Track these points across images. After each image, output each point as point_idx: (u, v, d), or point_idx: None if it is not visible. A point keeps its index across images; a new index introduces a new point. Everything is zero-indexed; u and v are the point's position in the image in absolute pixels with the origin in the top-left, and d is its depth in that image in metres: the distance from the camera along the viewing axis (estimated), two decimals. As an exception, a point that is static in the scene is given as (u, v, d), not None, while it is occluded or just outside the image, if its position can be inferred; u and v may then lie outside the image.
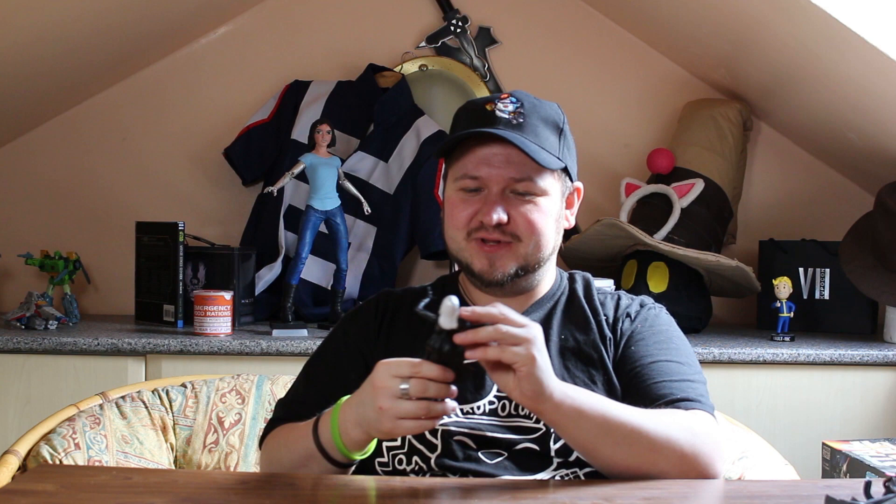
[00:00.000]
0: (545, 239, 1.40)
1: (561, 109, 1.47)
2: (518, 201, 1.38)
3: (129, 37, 2.65)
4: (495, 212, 1.36)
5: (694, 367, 1.40)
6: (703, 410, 1.31)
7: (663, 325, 1.45)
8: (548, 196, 1.39)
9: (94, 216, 2.89)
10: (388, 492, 1.13)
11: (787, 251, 2.68)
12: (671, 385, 1.33)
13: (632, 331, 1.42)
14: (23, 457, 1.53)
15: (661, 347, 1.39)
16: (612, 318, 1.45)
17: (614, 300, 1.48)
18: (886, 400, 2.32)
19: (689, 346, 1.45)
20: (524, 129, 1.39)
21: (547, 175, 1.39)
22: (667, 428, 1.23)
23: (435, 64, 2.89)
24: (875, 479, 1.05)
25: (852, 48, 2.12)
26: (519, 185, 1.38)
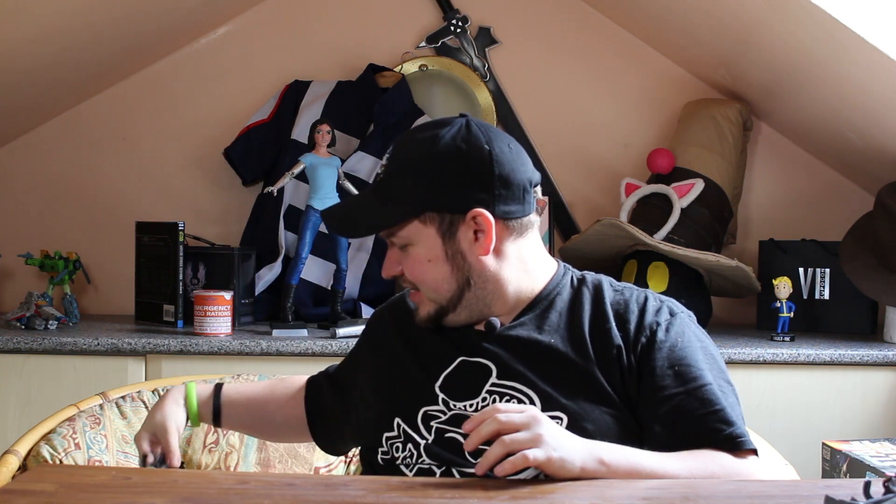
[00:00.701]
0: (433, 283, 1.38)
1: (447, 131, 1.37)
2: (402, 253, 1.40)
3: (129, 37, 2.65)
4: (385, 267, 1.42)
5: (728, 389, 1.34)
6: (744, 449, 1.27)
7: (695, 341, 1.37)
8: (415, 244, 1.37)
9: (94, 216, 2.89)
10: (388, 491, 1.13)
11: (787, 251, 2.68)
12: (708, 421, 1.28)
13: (658, 346, 1.34)
14: (23, 457, 1.53)
15: (694, 374, 1.32)
16: (628, 328, 1.37)
17: (637, 305, 1.40)
18: (886, 400, 2.32)
19: (719, 356, 1.39)
20: (378, 191, 1.39)
21: (400, 227, 1.37)
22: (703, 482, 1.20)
23: (435, 64, 2.89)
24: (875, 479, 1.05)
25: (852, 48, 2.12)
26: (392, 241, 1.40)
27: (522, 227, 1.41)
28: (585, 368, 1.34)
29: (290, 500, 1.09)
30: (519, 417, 1.16)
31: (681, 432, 1.28)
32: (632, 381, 1.33)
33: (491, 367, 1.37)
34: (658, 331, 1.36)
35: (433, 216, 1.36)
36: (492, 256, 1.38)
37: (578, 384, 1.33)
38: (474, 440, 1.16)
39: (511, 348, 1.38)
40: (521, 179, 1.39)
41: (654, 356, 1.33)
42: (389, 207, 1.37)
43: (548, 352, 1.37)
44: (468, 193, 1.35)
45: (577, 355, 1.35)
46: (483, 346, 1.39)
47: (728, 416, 1.29)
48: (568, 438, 1.18)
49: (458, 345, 1.41)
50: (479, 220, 1.35)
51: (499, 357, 1.37)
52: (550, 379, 1.33)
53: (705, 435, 1.27)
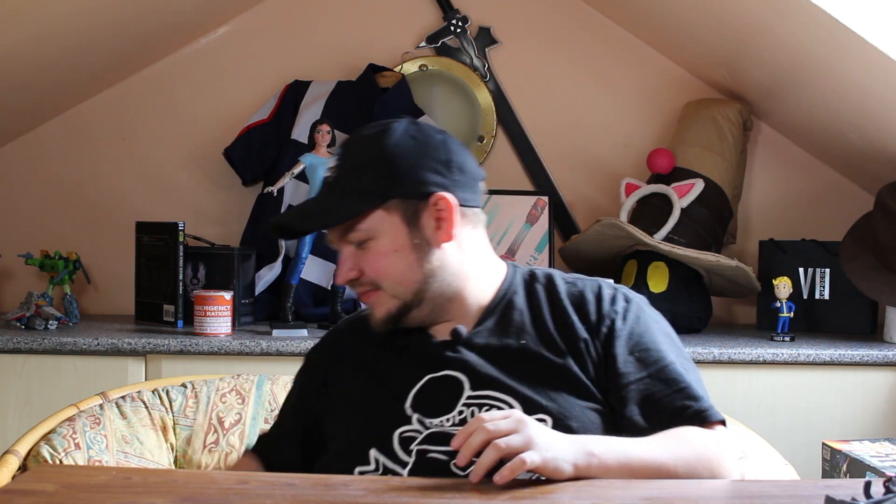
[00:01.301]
0: (399, 275, 1.37)
1: (396, 126, 1.40)
2: (360, 252, 1.38)
3: (129, 37, 2.65)
4: (340, 273, 1.40)
5: (689, 365, 1.37)
6: (712, 421, 1.30)
7: (653, 324, 1.40)
8: (377, 236, 1.36)
9: (94, 216, 2.89)
10: (388, 491, 1.13)
11: (787, 251, 2.68)
12: (675, 399, 1.31)
13: (617, 334, 1.37)
14: (23, 457, 1.53)
15: (655, 357, 1.35)
16: (589, 318, 1.39)
17: (593, 295, 1.41)
18: (886, 400, 2.32)
19: (675, 335, 1.42)
20: (332, 189, 1.39)
21: (362, 219, 1.36)
22: (684, 459, 1.22)
23: (435, 64, 2.89)
24: (875, 479, 1.05)
25: (852, 48, 2.12)
26: (350, 238, 1.37)
27: (477, 218, 1.45)
28: (562, 364, 1.35)
29: (290, 500, 1.09)
30: (506, 423, 1.16)
31: (652, 416, 1.30)
32: (601, 370, 1.35)
33: (462, 380, 1.35)
34: (616, 319, 1.38)
35: (397, 203, 1.36)
36: (454, 244, 1.39)
37: (558, 381, 1.33)
38: (466, 453, 1.15)
39: (481, 356, 1.36)
40: (473, 168, 1.43)
41: (614, 345, 1.36)
42: (350, 200, 1.36)
43: (521, 354, 1.36)
44: (429, 178, 1.37)
45: (550, 352, 1.36)
46: (449, 358, 1.37)
47: (694, 391, 1.32)
48: (556, 437, 1.18)
49: (421, 363, 1.38)
50: (441, 204, 1.36)
51: (469, 367, 1.35)
52: (528, 381, 1.33)
53: (675, 414, 1.30)
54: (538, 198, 2.74)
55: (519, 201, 2.73)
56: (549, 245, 2.70)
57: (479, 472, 1.13)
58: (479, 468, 1.13)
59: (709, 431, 1.29)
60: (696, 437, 1.27)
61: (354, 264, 1.38)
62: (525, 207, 2.72)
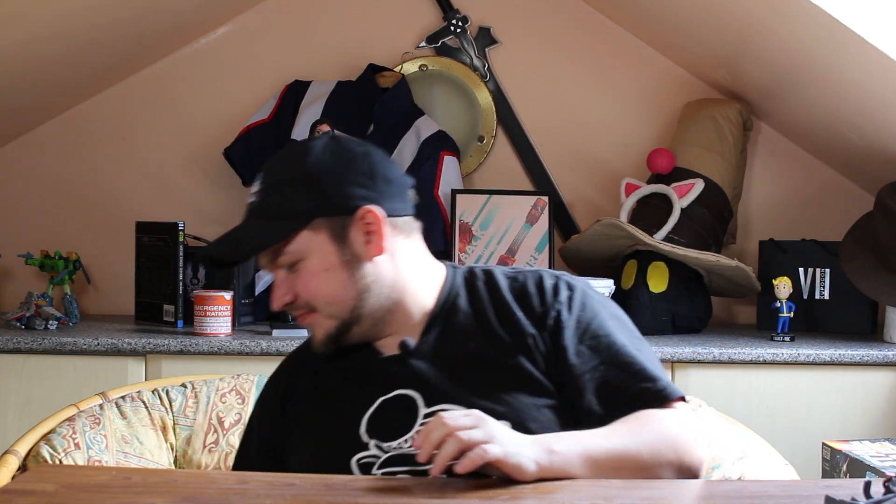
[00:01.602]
0: (332, 294, 1.34)
1: (316, 143, 1.38)
2: (292, 275, 1.35)
3: (129, 37, 2.65)
4: (274, 298, 1.36)
5: (641, 345, 1.36)
6: (672, 400, 1.29)
7: (600, 309, 1.38)
8: (307, 257, 1.34)
9: (94, 216, 2.89)
10: (388, 491, 1.13)
11: (787, 251, 2.68)
12: (631, 383, 1.30)
13: (564, 325, 1.35)
14: (23, 457, 1.53)
15: (606, 342, 1.34)
16: (534, 311, 1.37)
17: (535, 287, 1.39)
18: (886, 400, 2.32)
19: (624, 315, 1.41)
20: (257, 213, 1.36)
21: (290, 241, 1.33)
22: (648, 443, 1.22)
23: (435, 64, 2.89)
24: (875, 479, 1.05)
25: (852, 48, 2.12)
26: (280, 262, 1.34)
27: (409, 227, 1.41)
28: (514, 363, 1.33)
29: (289, 500, 1.09)
30: (467, 419, 1.15)
31: (611, 403, 1.29)
32: (552, 364, 1.33)
33: (415, 397, 1.33)
34: (562, 309, 1.36)
35: (322, 222, 1.33)
36: (387, 257, 1.36)
37: (511, 382, 1.32)
38: (427, 448, 1.13)
39: (432, 366, 1.35)
40: (400, 177, 1.41)
41: (563, 336, 1.34)
42: (275, 224, 1.33)
43: (471, 359, 1.34)
44: (353, 193, 1.35)
45: (500, 353, 1.34)
46: (399, 375, 1.35)
47: (649, 372, 1.31)
48: (517, 435, 1.18)
49: (372, 383, 1.36)
50: (368, 218, 1.34)
51: (421, 382, 1.33)
52: (481, 387, 1.31)
53: (634, 398, 1.29)
54: (538, 198, 2.74)
55: (519, 201, 2.73)
56: (549, 245, 2.70)
57: (440, 464, 1.12)
58: (441, 460, 1.12)
59: (668, 411, 1.28)
60: (656, 418, 1.26)
61: (288, 288, 1.35)
62: (525, 207, 2.72)
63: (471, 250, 2.68)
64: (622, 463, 1.20)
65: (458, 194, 2.70)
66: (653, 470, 1.22)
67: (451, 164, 2.73)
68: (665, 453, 1.22)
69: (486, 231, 2.70)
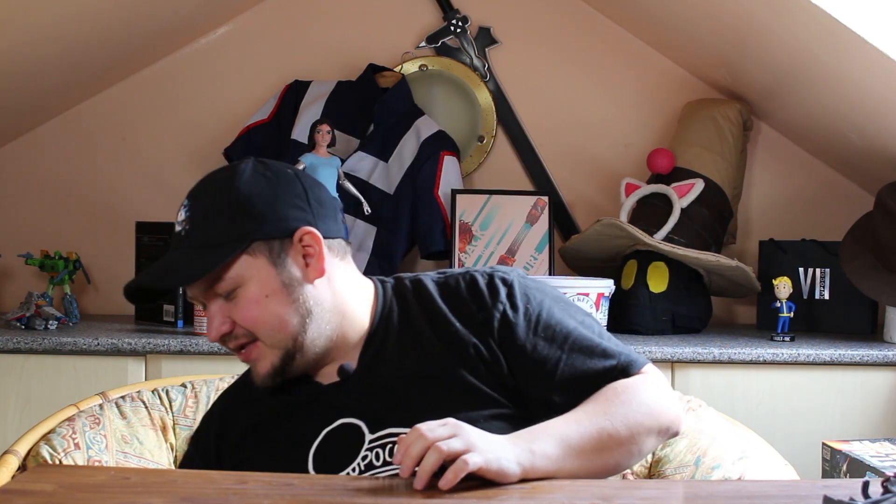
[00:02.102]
0: (275, 321, 1.29)
1: (244, 167, 1.33)
2: (228, 304, 1.30)
3: (129, 37, 2.65)
4: (211, 329, 1.31)
5: (589, 321, 1.34)
6: (634, 368, 1.29)
7: (542, 297, 1.35)
8: (245, 283, 1.29)
9: (94, 216, 2.89)
10: (388, 491, 1.13)
11: (787, 251, 2.68)
12: (596, 364, 1.29)
13: (513, 325, 1.31)
14: (23, 457, 1.53)
15: (559, 330, 1.31)
16: (474, 319, 1.33)
17: (470, 292, 1.35)
18: (886, 400, 2.32)
19: (563, 296, 1.39)
20: (188, 241, 1.30)
21: (227, 268, 1.28)
22: (622, 417, 1.21)
23: (435, 64, 2.89)
24: (874, 479, 1.05)
25: (852, 48, 2.12)
26: (217, 290, 1.29)
27: (342, 249, 1.38)
28: (456, 378, 1.29)
29: (288, 500, 1.09)
30: (444, 429, 1.13)
31: (580, 389, 1.27)
32: (500, 369, 1.30)
33: (359, 425, 1.29)
34: (506, 310, 1.32)
35: (261, 246, 1.29)
36: (325, 280, 1.33)
37: (457, 397, 1.28)
38: (409, 463, 1.11)
39: (373, 390, 1.31)
40: (330, 199, 1.37)
41: (515, 336, 1.31)
42: (211, 250, 1.28)
43: (412, 378, 1.31)
44: (289, 215, 1.31)
45: (441, 368, 1.30)
46: (341, 403, 1.31)
47: (610, 349, 1.31)
48: (495, 439, 1.15)
49: (315, 416, 1.32)
50: (307, 239, 1.31)
51: (363, 408, 1.30)
52: (426, 406, 1.26)
53: (601, 378, 1.28)
54: (538, 198, 2.74)
55: (519, 201, 2.73)
56: (549, 245, 2.70)
57: (423, 477, 1.10)
58: (423, 472, 1.10)
59: (633, 378, 1.28)
60: (623, 388, 1.25)
61: (225, 317, 1.30)
62: (525, 207, 2.72)
63: (471, 250, 2.68)
64: (602, 443, 1.19)
65: (458, 194, 2.70)
66: (634, 441, 1.21)
67: (451, 164, 2.74)
68: (642, 422, 1.22)
69: (486, 231, 2.70)
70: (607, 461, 1.21)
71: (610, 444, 1.20)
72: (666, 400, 1.26)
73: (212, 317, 1.31)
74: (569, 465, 1.17)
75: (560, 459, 1.16)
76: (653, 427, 1.23)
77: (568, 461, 1.17)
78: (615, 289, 2.44)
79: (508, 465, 1.12)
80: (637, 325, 2.51)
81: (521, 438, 1.17)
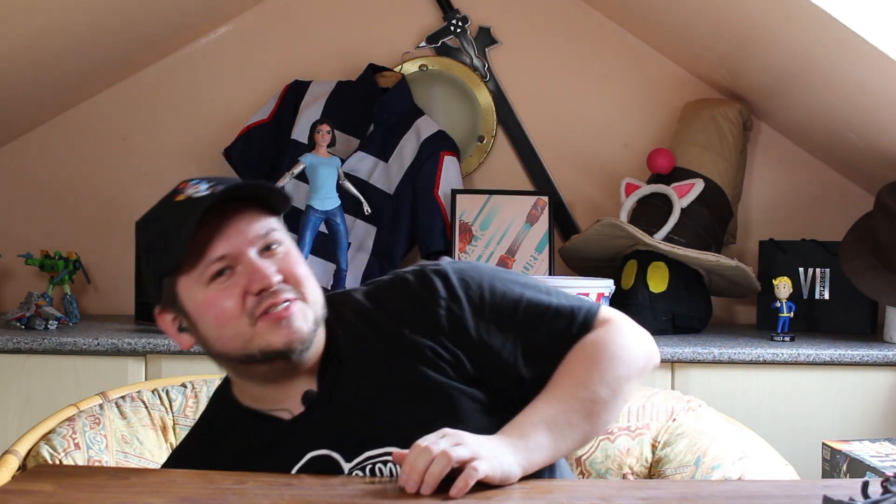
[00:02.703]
0: (315, 283, 1.27)
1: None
2: (276, 258, 1.24)
3: (129, 37, 2.65)
4: (268, 273, 1.21)
5: (532, 282, 1.31)
6: (592, 319, 1.28)
7: (479, 277, 1.31)
8: (287, 242, 1.27)
9: (94, 216, 2.89)
10: (387, 492, 1.13)
11: (787, 251, 2.68)
12: (554, 328, 1.27)
13: (462, 317, 1.28)
14: (23, 457, 1.53)
15: (507, 305, 1.28)
16: (421, 322, 1.28)
17: (406, 295, 1.31)
18: (886, 400, 2.32)
19: (499, 268, 1.35)
20: (232, 186, 1.24)
21: (277, 224, 1.28)
22: (598, 379, 1.21)
23: (435, 64, 2.89)
24: (874, 479, 1.05)
25: (852, 48, 2.12)
26: (268, 239, 1.25)
27: None
28: (423, 381, 1.25)
29: (288, 500, 1.09)
30: (446, 441, 1.12)
31: (545, 358, 1.26)
32: (462, 363, 1.27)
33: (334, 457, 1.24)
34: (450, 305, 1.29)
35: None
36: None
37: (430, 400, 1.24)
38: (415, 478, 1.09)
39: (341, 415, 1.25)
40: None
41: (467, 329, 1.28)
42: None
43: (380, 395, 1.25)
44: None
45: (404, 376, 1.25)
46: (310, 437, 1.25)
47: (560, 307, 1.29)
48: (494, 443, 1.15)
49: (285, 454, 1.25)
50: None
51: (335, 437, 1.24)
52: (403, 419, 1.23)
53: (562, 340, 1.26)
54: (538, 198, 2.74)
55: (519, 201, 2.73)
56: (549, 245, 2.70)
57: (432, 483, 1.09)
58: (431, 479, 1.08)
59: (598, 333, 1.26)
60: (593, 348, 1.25)
61: (273, 269, 1.24)
62: (525, 207, 2.72)
63: (471, 250, 2.68)
64: (588, 411, 1.19)
65: (458, 194, 2.70)
66: (618, 396, 1.21)
67: (451, 164, 2.74)
68: (620, 375, 1.22)
69: (486, 231, 2.70)
70: (596, 424, 1.21)
71: (596, 409, 1.20)
72: (635, 342, 1.26)
73: (260, 266, 1.22)
74: (563, 445, 1.18)
75: (553, 444, 1.17)
76: (632, 374, 1.23)
77: (561, 442, 1.17)
78: (615, 289, 2.44)
79: (511, 469, 1.13)
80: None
81: (512, 437, 1.17)
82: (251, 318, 1.22)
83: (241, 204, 1.26)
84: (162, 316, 1.31)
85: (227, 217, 1.24)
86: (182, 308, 1.27)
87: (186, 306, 1.26)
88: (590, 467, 1.58)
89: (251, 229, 1.24)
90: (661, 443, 1.61)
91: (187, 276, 1.24)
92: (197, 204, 1.22)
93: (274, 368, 1.25)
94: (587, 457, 1.59)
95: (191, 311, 1.26)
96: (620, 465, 1.58)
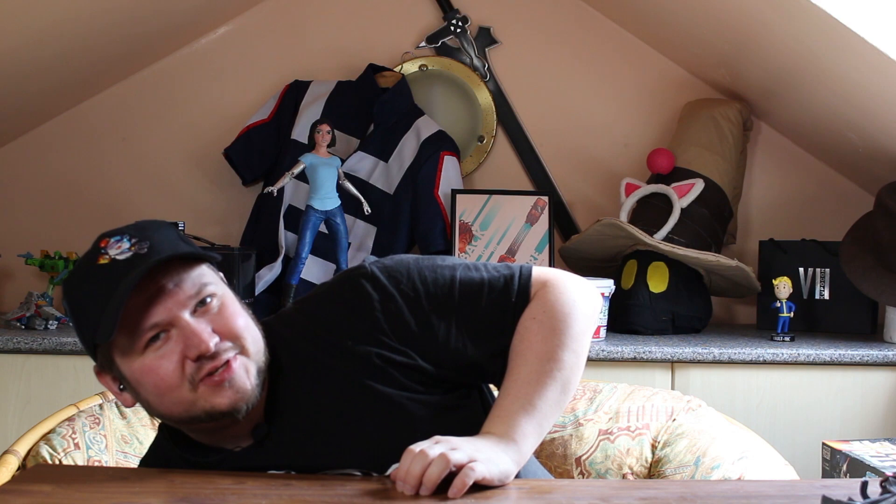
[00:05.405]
0: (256, 330, 1.24)
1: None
2: (206, 317, 1.20)
3: (129, 37, 2.65)
4: (203, 340, 1.17)
5: (457, 262, 1.30)
6: (528, 286, 1.27)
7: (407, 270, 1.30)
8: (222, 294, 1.23)
9: (94, 216, 2.89)
10: (386, 492, 1.13)
11: (787, 251, 2.68)
12: (492, 303, 1.27)
13: (400, 316, 1.26)
14: (22, 457, 1.53)
15: (440, 291, 1.27)
16: (360, 331, 1.26)
17: (342, 305, 1.28)
18: (886, 400, 2.32)
19: (422, 256, 1.33)
20: (157, 250, 1.19)
21: (208, 270, 1.23)
22: (561, 343, 1.21)
23: (435, 64, 2.89)
24: (874, 478, 1.05)
25: (852, 48, 2.12)
26: (201, 295, 1.21)
27: None
28: (376, 392, 1.23)
29: (286, 500, 1.09)
30: (440, 446, 1.12)
31: (494, 335, 1.26)
32: (414, 361, 1.25)
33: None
34: (384, 305, 1.26)
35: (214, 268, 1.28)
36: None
37: (387, 411, 1.23)
38: (413, 482, 1.09)
39: (295, 442, 1.24)
40: None
41: (407, 325, 1.26)
42: (190, 246, 1.24)
43: (332, 413, 1.24)
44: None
45: (355, 390, 1.24)
46: (263, 467, 1.24)
47: (492, 281, 1.29)
48: (487, 445, 1.15)
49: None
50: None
51: (289, 464, 1.23)
52: (356, 438, 1.23)
53: (507, 312, 1.26)
54: (538, 198, 2.74)
55: (519, 201, 2.73)
56: (549, 245, 2.70)
57: (430, 485, 1.09)
58: (429, 481, 1.09)
59: (540, 299, 1.26)
60: (542, 317, 1.25)
61: (209, 330, 1.20)
62: (525, 207, 2.72)
63: (471, 250, 2.68)
64: (562, 381, 1.20)
65: (458, 194, 2.70)
66: (582, 352, 1.23)
67: (451, 164, 2.74)
68: (577, 332, 1.23)
69: (486, 231, 2.70)
70: (571, 390, 1.22)
71: (567, 375, 1.21)
72: (578, 294, 1.27)
73: (196, 330, 1.18)
74: (546, 424, 1.19)
75: (538, 428, 1.18)
76: (588, 327, 1.24)
77: (545, 422, 1.18)
78: (615, 289, 2.44)
79: (507, 468, 1.14)
80: (637, 325, 2.51)
81: (499, 433, 1.17)
82: (192, 383, 1.19)
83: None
84: (101, 375, 1.27)
85: (155, 280, 1.19)
86: (120, 373, 1.23)
87: (124, 372, 1.22)
88: (589, 467, 1.58)
89: (182, 291, 1.20)
90: (661, 443, 1.61)
91: (121, 346, 1.21)
92: (122, 271, 1.16)
93: (221, 423, 1.23)
94: (587, 457, 1.59)
95: (129, 377, 1.22)
96: (620, 465, 1.58)
